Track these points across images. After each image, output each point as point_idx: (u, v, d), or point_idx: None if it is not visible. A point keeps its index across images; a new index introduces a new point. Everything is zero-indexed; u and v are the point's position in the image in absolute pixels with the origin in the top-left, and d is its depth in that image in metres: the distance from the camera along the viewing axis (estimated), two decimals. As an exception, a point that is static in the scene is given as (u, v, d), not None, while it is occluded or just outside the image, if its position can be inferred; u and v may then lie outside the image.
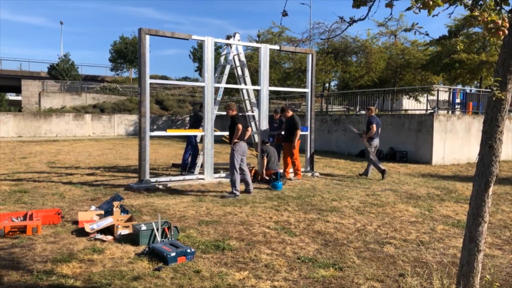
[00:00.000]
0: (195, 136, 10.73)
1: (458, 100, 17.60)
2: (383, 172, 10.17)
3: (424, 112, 15.20)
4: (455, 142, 14.10)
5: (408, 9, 2.11)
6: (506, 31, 2.09)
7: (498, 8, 2.48)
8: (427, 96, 17.51)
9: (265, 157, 9.66)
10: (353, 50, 25.72)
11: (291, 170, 10.27)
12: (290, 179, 9.90)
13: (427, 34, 2.61)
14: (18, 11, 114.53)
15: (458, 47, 2.58)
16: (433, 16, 2.15)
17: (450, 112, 15.90)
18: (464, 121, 14.43)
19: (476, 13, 2.07)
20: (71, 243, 4.92)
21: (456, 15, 19.50)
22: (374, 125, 10.25)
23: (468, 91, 19.99)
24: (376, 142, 10.48)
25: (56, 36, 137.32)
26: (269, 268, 4.23)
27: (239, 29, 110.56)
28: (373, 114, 10.57)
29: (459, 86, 26.08)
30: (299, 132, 9.95)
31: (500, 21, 2.09)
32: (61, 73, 39.38)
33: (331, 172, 11.22)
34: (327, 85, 30.68)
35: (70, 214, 6.28)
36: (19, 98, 48.84)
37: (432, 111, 14.34)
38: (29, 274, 3.94)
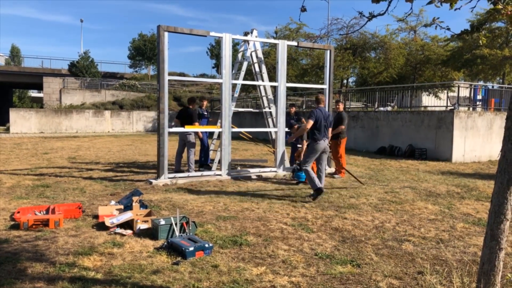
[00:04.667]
0: (205, 131, 10.72)
1: (479, 97, 17.24)
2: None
3: (444, 108, 14.95)
4: (476, 139, 13.84)
5: (430, 2, 2.08)
6: (531, 25, 2.05)
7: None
8: (447, 93, 17.19)
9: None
10: (372, 46, 25.45)
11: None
12: (333, 177, 9.78)
13: (448, 29, 2.57)
14: (45, 10, 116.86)
15: (480, 42, 2.54)
16: (455, 9, 2.12)
17: (471, 108, 15.60)
18: (486, 118, 14.15)
19: (500, 6, 2.03)
20: (91, 236, 5.01)
21: (478, 10, 19.09)
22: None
23: (490, 87, 19.56)
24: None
25: (77, 33, 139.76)
26: (287, 264, 4.24)
27: (263, 25, 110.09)
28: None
29: (481, 82, 25.55)
30: (342, 128, 9.74)
31: (524, 15, 2.04)
32: (81, 70, 40.00)
33: (349, 169, 11.13)
34: (345, 81, 30.43)
35: (90, 209, 6.40)
36: (40, 95, 49.88)
37: (453, 107, 14.10)
38: (52, 266, 4.04)
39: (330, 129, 7.97)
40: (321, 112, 7.64)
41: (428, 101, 22.58)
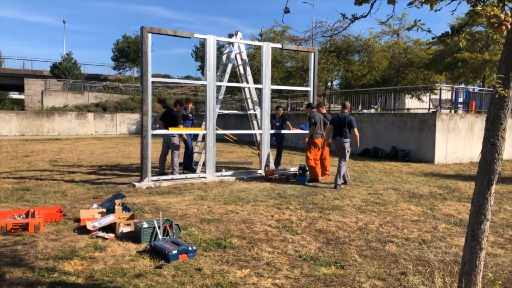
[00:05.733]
0: (189, 134, 10.64)
1: (461, 99, 17.53)
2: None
3: (426, 111, 15.15)
4: (458, 141, 14.06)
5: (411, 3, 2.10)
6: (509, 26, 2.08)
7: (501, 5, 2.47)
8: (429, 95, 17.42)
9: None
10: (356, 49, 25.67)
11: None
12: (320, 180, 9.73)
13: (429, 31, 2.60)
14: (27, 11, 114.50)
15: (460, 44, 2.57)
16: (435, 11, 2.14)
17: (452, 111, 15.85)
18: (467, 120, 14.38)
19: (479, 8, 2.06)
20: (73, 240, 4.92)
21: (459, 14, 19.41)
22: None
23: (471, 90, 19.92)
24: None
25: (60, 35, 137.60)
26: (271, 266, 4.23)
27: (249, 28, 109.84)
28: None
29: (462, 85, 26.00)
30: (327, 127, 9.71)
31: (503, 16, 2.07)
32: (64, 72, 39.45)
33: (333, 171, 11.19)
34: (329, 84, 30.63)
35: (72, 212, 6.29)
36: (21, 97, 48.94)
37: (435, 110, 14.30)
38: (31, 271, 3.95)
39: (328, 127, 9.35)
40: (337, 115, 9.23)
41: (411, 103, 22.89)
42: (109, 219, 5.36)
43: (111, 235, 5.11)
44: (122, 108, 33.24)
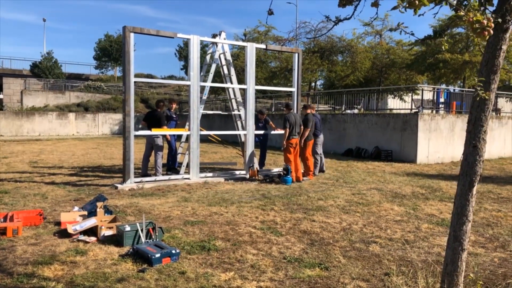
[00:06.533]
0: (173, 134, 10.54)
1: (442, 100, 17.81)
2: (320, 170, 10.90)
3: (409, 111, 15.34)
4: (439, 141, 14.27)
5: (394, 8, 2.10)
6: (492, 31, 2.10)
7: (482, 8, 2.49)
8: (411, 96, 17.65)
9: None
10: (339, 49, 25.88)
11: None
12: (302, 180, 9.72)
13: (412, 34, 2.61)
14: (7, 8, 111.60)
15: (443, 47, 2.59)
16: (419, 15, 2.15)
17: (434, 111, 16.08)
18: (448, 121, 14.61)
19: (462, 13, 2.07)
20: (53, 244, 4.82)
21: (440, 16, 19.71)
22: (310, 123, 10.26)
23: (452, 90, 20.26)
24: (321, 138, 11.04)
25: (40, 33, 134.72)
26: (255, 269, 4.21)
27: (234, 28, 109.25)
28: (313, 111, 10.86)
29: (443, 86, 26.43)
30: (308, 131, 9.92)
31: (485, 21, 2.09)
32: (44, 71, 38.72)
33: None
34: (313, 84, 30.80)
35: (52, 215, 6.16)
36: (0, 96, 47.91)
37: (417, 110, 14.49)
38: (9, 277, 3.85)
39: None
40: (315, 117, 10.62)
41: (394, 103, 23.16)
42: (91, 222, 5.27)
43: (93, 239, 5.02)
44: (104, 108, 32.80)
